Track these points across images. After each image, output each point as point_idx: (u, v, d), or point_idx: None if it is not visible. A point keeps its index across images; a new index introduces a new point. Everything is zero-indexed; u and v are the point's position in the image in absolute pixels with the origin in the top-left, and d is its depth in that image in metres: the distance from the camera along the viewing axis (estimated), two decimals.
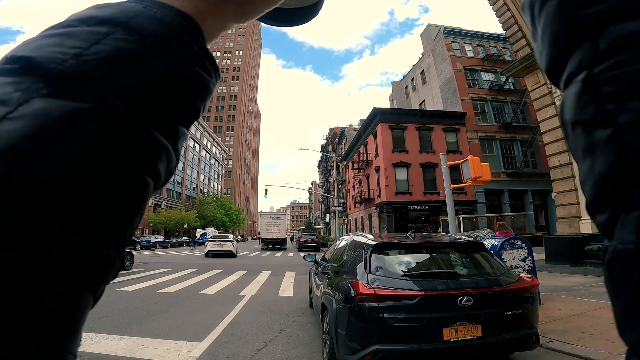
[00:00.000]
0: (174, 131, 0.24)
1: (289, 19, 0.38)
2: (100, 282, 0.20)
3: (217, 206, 56.82)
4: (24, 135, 0.17)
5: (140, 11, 0.23)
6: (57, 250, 0.18)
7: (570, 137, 0.23)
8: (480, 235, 7.92)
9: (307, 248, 27.93)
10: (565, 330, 4.57)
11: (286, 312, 6.32)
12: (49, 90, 0.19)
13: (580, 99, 0.22)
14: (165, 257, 20.79)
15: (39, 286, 0.17)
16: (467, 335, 2.94)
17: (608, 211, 0.20)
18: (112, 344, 4.39)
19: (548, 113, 13.17)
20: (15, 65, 0.20)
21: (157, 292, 8.41)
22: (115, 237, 0.21)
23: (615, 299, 0.19)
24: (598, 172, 0.20)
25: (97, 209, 0.19)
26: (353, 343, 2.97)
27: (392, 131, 26.44)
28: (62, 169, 0.18)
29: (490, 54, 28.96)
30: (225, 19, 0.29)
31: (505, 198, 25.82)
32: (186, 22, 0.25)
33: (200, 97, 0.26)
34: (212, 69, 0.26)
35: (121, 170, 0.20)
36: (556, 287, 7.61)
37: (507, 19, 14.43)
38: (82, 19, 0.23)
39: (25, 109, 0.18)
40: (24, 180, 0.17)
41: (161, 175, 0.24)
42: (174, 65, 0.23)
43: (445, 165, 8.92)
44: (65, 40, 0.21)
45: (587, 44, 0.21)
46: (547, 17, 0.23)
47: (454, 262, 3.66)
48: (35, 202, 0.17)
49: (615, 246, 0.19)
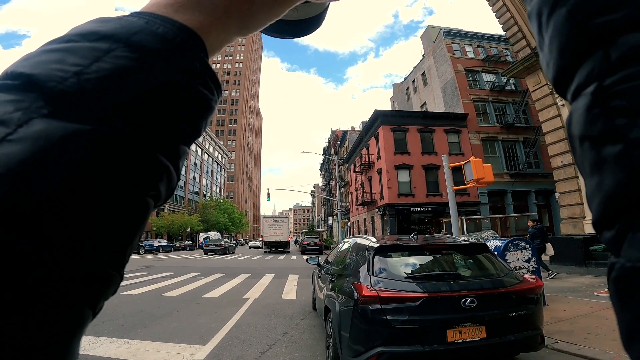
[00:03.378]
0: (175, 151, 0.24)
1: (291, 31, 0.37)
2: (100, 299, 0.20)
3: (219, 210, 56.88)
4: (24, 159, 0.17)
5: (142, 27, 0.23)
6: (58, 271, 0.18)
7: (577, 152, 0.22)
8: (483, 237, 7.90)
9: (310, 251, 27.85)
10: (571, 330, 4.55)
11: (290, 315, 6.32)
12: (49, 110, 0.19)
13: (589, 113, 0.21)
14: (169, 261, 20.83)
15: (38, 306, 0.17)
16: (472, 336, 2.92)
17: (616, 228, 0.19)
18: (116, 347, 4.40)
19: (550, 114, 13.12)
20: (16, 81, 0.20)
21: (160, 295, 8.44)
22: (115, 257, 0.21)
23: (621, 314, 0.19)
24: (607, 189, 0.20)
25: (97, 230, 0.19)
26: (357, 345, 2.97)
27: (394, 133, 26.42)
28: (62, 192, 0.18)
29: (491, 55, 28.94)
30: (229, 32, 0.29)
31: (509, 199, 25.70)
32: (189, 38, 0.25)
33: (202, 115, 0.25)
34: (214, 87, 0.26)
35: (122, 192, 0.20)
36: (561, 288, 7.57)
37: (507, 19, 14.42)
38: (83, 34, 0.22)
39: (25, 130, 0.18)
40: (24, 203, 0.17)
41: (162, 195, 0.23)
42: (175, 85, 0.23)
43: (447, 166, 8.90)
44: (66, 57, 0.21)
45: (597, 55, 0.20)
46: (556, 25, 0.22)
47: (458, 264, 3.65)
48: (36, 225, 0.17)
49: (624, 264, 0.18)
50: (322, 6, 0.37)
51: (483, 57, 28.94)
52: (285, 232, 33.25)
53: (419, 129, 26.51)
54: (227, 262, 20.80)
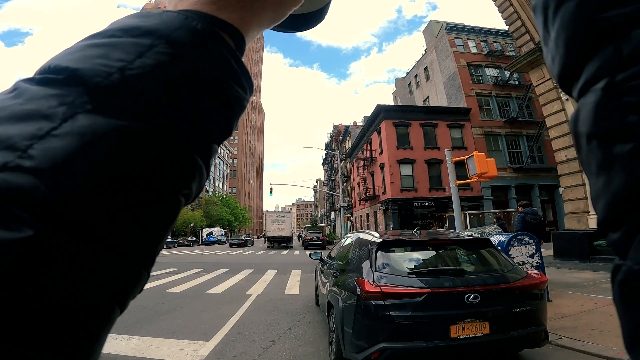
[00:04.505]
0: (208, 149, 0.23)
1: (295, 25, 0.38)
2: (129, 297, 0.21)
3: (222, 205, 57.08)
4: (68, 154, 0.17)
5: (181, 23, 0.23)
6: (98, 269, 0.18)
7: (583, 150, 0.21)
8: (487, 232, 7.86)
9: (313, 246, 27.95)
10: (575, 327, 4.52)
11: (292, 311, 6.33)
12: (93, 105, 0.19)
13: (599, 110, 0.20)
14: (172, 257, 20.92)
15: (77, 304, 0.17)
16: (475, 332, 2.91)
17: (623, 230, 0.19)
18: (121, 343, 4.43)
19: (554, 108, 13.00)
20: (60, 76, 0.20)
21: (164, 291, 8.47)
22: (147, 255, 0.21)
23: (625, 317, 0.19)
24: (615, 189, 0.19)
25: (135, 229, 0.19)
26: (359, 341, 2.97)
27: (397, 128, 26.32)
28: (103, 189, 0.18)
29: (493, 50, 28.67)
30: (262, 25, 0.29)
31: (512, 193, 25.60)
32: (228, 35, 0.24)
33: (235, 114, 0.25)
34: (247, 85, 0.25)
35: (159, 191, 0.20)
36: (565, 284, 7.53)
37: (510, 14, 14.24)
38: (126, 29, 0.22)
39: (69, 125, 0.18)
40: (67, 199, 0.17)
41: (193, 193, 0.23)
42: (213, 83, 0.23)
43: (450, 161, 8.85)
44: (111, 52, 0.21)
45: (608, 49, 0.19)
46: (563, 19, 0.22)
47: (461, 259, 3.63)
48: (77, 221, 0.17)
49: (631, 267, 0.18)
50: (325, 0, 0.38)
51: (486, 52, 28.70)
52: (288, 228, 33.32)
53: (422, 124, 26.39)
54: (230, 257, 20.89)
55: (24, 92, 0.20)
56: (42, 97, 0.19)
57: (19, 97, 0.19)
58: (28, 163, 0.17)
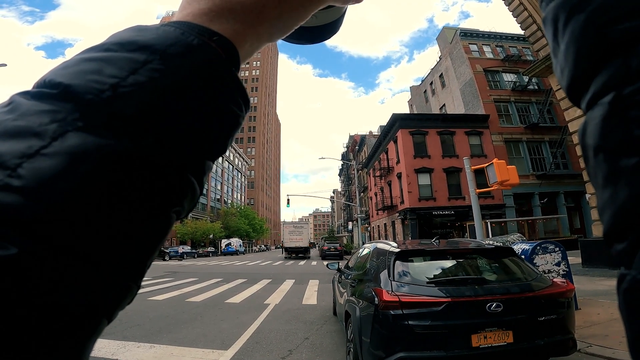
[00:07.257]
0: (201, 167, 0.23)
1: (310, 37, 0.37)
2: (117, 309, 0.21)
3: (240, 216, 57.74)
4: (56, 174, 0.17)
5: (177, 38, 0.23)
6: (83, 285, 0.18)
7: (591, 163, 0.22)
8: (509, 240, 7.64)
9: (330, 256, 27.78)
10: (606, 334, 4.33)
11: (310, 320, 6.31)
12: (84, 123, 0.19)
13: (606, 123, 0.20)
14: (193, 267, 21.26)
15: (60, 316, 0.17)
16: (498, 341, 2.83)
17: (628, 240, 0.19)
18: (143, 352, 4.52)
19: (576, 112, 12.63)
20: (54, 90, 0.20)
21: (185, 301, 8.61)
22: (136, 269, 0.21)
23: (630, 326, 0.19)
24: (620, 201, 0.19)
25: (122, 246, 0.19)
26: (377, 351, 2.93)
27: (413, 136, 26.11)
28: (91, 208, 0.18)
29: (510, 55, 28.24)
30: (260, 39, 0.28)
31: (536, 201, 24.82)
32: (223, 49, 0.24)
33: (230, 132, 0.25)
34: (243, 102, 0.25)
35: (149, 209, 0.20)
36: (595, 292, 7.21)
37: (525, 18, 14.07)
38: (122, 43, 0.22)
39: (59, 144, 0.18)
40: (53, 219, 0.17)
41: (185, 210, 0.23)
42: (207, 101, 0.22)
43: (469, 169, 8.70)
44: (104, 67, 0.21)
45: (616, 62, 0.19)
46: (573, 32, 0.22)
47: (482, 268, 3.55)
48: (65, 240, 0.17)
49: (635, 276, 0.18)
50: (340, 12, 0.37)
51: (502, 57, 28.30)
52: (305, 238, 33.32)
53: (439, 132, 26.09)
54: (248, 268, 21.01)
55: (18, 107, 0.20)
56: (35, 113, 0.19)
57: (12, 112, 0.19)
58: (17, 182, 0.17)
